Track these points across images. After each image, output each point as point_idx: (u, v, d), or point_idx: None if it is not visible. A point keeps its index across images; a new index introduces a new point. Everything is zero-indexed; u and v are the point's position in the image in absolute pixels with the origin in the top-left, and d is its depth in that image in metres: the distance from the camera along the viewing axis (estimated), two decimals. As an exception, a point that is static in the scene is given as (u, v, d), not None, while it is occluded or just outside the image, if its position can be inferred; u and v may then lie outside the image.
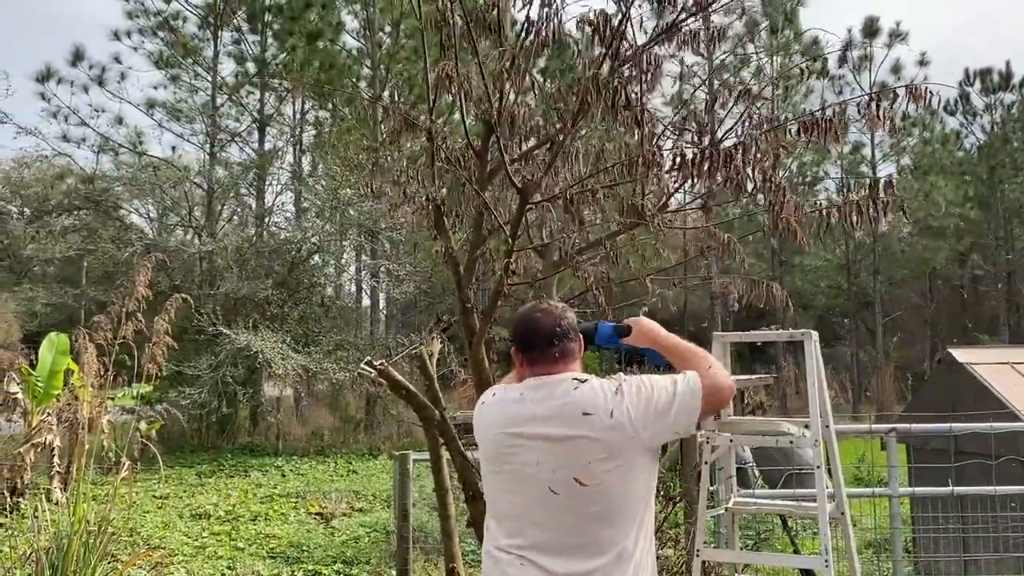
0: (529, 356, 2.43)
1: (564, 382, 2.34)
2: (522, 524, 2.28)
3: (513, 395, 2.40)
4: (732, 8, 17.61)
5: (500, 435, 2.36)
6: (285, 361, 14.85)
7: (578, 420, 2.26)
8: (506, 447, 2.33)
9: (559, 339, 2.42)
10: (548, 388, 2.34)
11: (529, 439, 2.28)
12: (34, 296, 18.91)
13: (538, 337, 2.42)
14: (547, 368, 2.39)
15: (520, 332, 2.47)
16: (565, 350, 2.42)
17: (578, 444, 2.24)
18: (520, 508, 2.29)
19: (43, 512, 6.27)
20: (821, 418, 3.57)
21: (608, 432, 2.24)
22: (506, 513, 2.33)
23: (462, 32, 3.23)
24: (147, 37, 19.76)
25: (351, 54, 21.72)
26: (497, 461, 2.36)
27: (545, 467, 2.24)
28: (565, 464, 2.23)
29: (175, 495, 11.07)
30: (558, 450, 2.25)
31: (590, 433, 2.24)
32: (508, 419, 2.36)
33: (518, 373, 2.52)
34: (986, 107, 28.68)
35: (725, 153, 2.86)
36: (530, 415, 2.31)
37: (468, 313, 3.44)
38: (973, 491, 5.59)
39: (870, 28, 25.29)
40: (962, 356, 7.16)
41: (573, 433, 2.25)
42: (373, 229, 17.47)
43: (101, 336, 6.54)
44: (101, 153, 20.53)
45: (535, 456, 2.26)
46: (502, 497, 2.35)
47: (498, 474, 2.36)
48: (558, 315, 2.46)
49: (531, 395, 2.35)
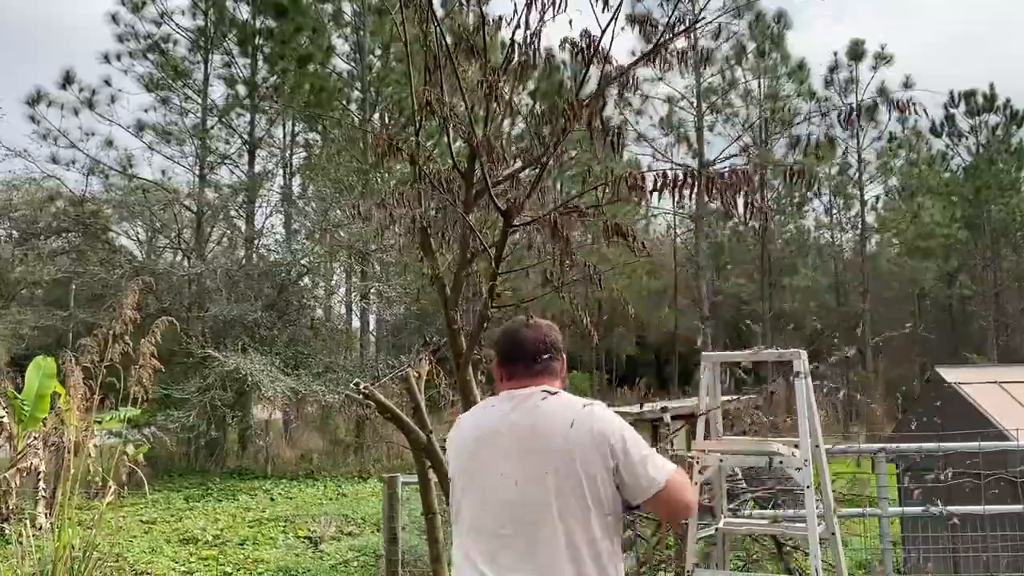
0: (510, 370, 2.43)
1: (534, 394, 2.35)
2: (489, 535, 2.27)
3: (486, 407, 2.44)
4: (719, 32, 17.79)
5: (470, 444, 2.38)
6: (274, 384, 14.78)
7: (542, 430, 2.27)
8: (475, 456, 2.34)
9: (541, 356, 2.42)
10: (518, 399, 2.36)
11: (496, 448, 2.30)
12: (22, 319, 18.78)
13: (521, 352, 2.43)
14: (525, 383, 2.39)
15: (503, 346, 2.48)
16: (547, 368, 2.43)
17: (540, 454, 2.24)
18: (487, 518, 2.28)
19: (28, 537, 6.20)
20: (811, 438, 3.58)
21: (565, 443, 2.23)
22: (475, 526, 2.32)
23: (447, 55, 3.26)
24: (137, 60, 19.82)
25: (341, 77, 21.83)
26: (467, 472, 2.36)
27: (509, 478, 2.25)
28: (529, 474, 2.24)
29: (162, 519, 10.96)
30: (523, 460, 2.25)
31: (550, 444, 2.24)
32: (478, 428, 2.39)
33: (498, 388, 2.51)
34: (971, 128, 29.01)
35: (707, 176, 2.88)
36: (496, 425, 2.33)
37: (455, 335, 3.44)
38: (962, 510, 5.59)
39: (855, 51, 25.57)
40: (950, 376, 7.19)
41: (535, 445, 2.26)
42: (363, 251, 17.47)
43: (88, 359, 6.51)
44: (91, 175, 20.52)
45: (502, 466, 2.27)
46: (472, 509, 2.34)
47: (468, 488, 2.35)
48: (544, 332, 2.47)
49: (501, 406, 2.37)
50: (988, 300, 28.39)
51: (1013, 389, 6.89)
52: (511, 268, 3.93)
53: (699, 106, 24.83)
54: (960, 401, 6.74)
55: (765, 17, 24.11)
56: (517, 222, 3.17)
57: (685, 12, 3.61)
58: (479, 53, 3.25)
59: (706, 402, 3.92)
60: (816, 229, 29.43)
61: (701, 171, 2.98)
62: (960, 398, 6.78)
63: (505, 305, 3.45)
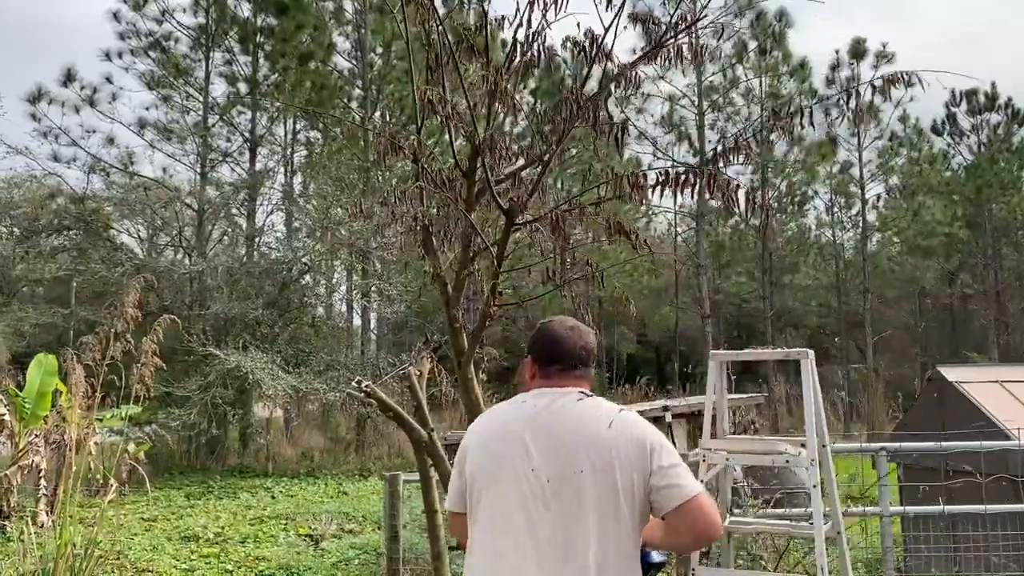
0: (546, 371, 2.39)
1: (570, 393, 2.32)
2: (515, 531, 2.20)
3: (515, 403, 2.36)
4: (719, 30, 17.76)
5: (497, 440, 2.30)
6: (275, 382, 14.78)
7: (578, 428, 2.23)
8: (502, 452, 2.26)
9: (582, 361, 2.40)
10: (551, 396, 2.32)
11: (527, 444, 2.23)
12: (23, 316, 18.79)
13: (561, 355, 2.38)
14: (560, 382, 2.36)
15: (544, 345, 2.42)
16: (585, 375, 2.41)
17: (575, 452, 2.20)
18: (514, 514, 2.21)
19: (29, 535, 6.21)
20: (818, 437, 3.58)
21: (601, 442, 2.21)
22: (500, 522, 2.24)
23: (448, 54, 3.26)
24: (139, 57, 19.78)
25: (343, 75, 21.81)
26: (493, 468, 2.27)
27: (540, 474, 2.20)
28: (561, 472, 2.20)
29: (163, 517, 10.97)
30: (556, 457, 2.21)
31: (585, 443, 2.21)
32: (506, 424, 2.31)
33: (528, 384, 2.45)
34: (972, 127, 28.98)
35: (709, 172, 2.88)
36: (529, 421, 2.27)
37: (457, 333, 3.44)
38: (963, 510, 5.59)
39: (857, 50, 25.54)
40: (951, 375, 7.18)
41: (570, 443, 2.22)
42: (364, 249, 17.47)
43: (89, 357, 6.52)
44: (92, 173, 20.51)
45: (533, 462, 2.21)
46: (498, 505, 2.25)
47: (493, 484, 2.27)
48: (586, 337, 2.43)
49: (534, 402, 2.32)
50: (989, 299, 28.38)
51: (1014, 388, 6.88)
52: (513, 266, 3.93)
53: (700, 104, 24.81)
54: (961, 400, 6.74)
55: (766, 16, 24.09)
56: (519, 220, 3.17)
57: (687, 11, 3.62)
58: (480, 52, 3.25)
59: (713, 401, 3.91)
60: (817, 228, 29.40)
61: (702, 168, 2.98)
62: (961, 397, 6.78)
63: (506, 303, 3.45)
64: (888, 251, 29.42)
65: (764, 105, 25.04)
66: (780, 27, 24.49)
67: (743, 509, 4.95)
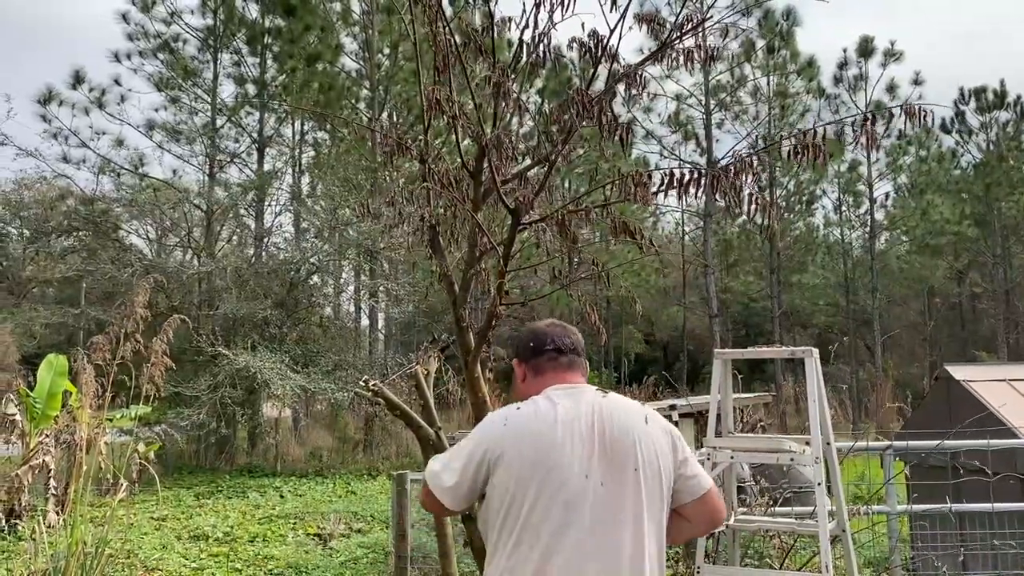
0: (548, 365, 2.36)
1: (588, 389, 2.31)
2: (559, 534, 2.14)
3: (541, 405, 2.26)
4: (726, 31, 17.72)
5: (528, 440, 2.20)
6: (284, 381, 14.83)
7: (619, 426, 2.22)
8: (540, 453, 2.18)
9: (576, 351, 2.42)
10: (575, 394, 2.28)
11: (566, 444, 2.18)
12: (33, 317, 18.93)
13: (557, 347, 2.39)
14: (570, 378, 2.35)
15: (535, 342, 2.40)
16: (583, 364, 2.44)
17: (620, 451, 2.19)
18: (557, 515, 2.15)
19: (40, 534, 6.26)
20: (822, 435, 3.59)
21: (644, 439, 2.22)
22: (544, 524, 2.15)
23: (455, 55, 3.28)
24: (147, 59, 19.90)
25: (350, 76, 21.89)
26: (529, 469, 2.17)
27: (587, 475, 2.17)
28: (608, 470, 2.18)
29: (173, 517, 11.03)
30: (602, 457, 2.18)
31: (629, 440, 2.21)
32: (541, 430, 2.21)
33: (521, 388, 2.40)
34: (981, 125, 28.86)
35: (712, 174, 2.89)
36: (566, 421, 2.21)
37: (464, 332, 3.46)
38: (971, 508, 5.59)
39: (865, 48, 25.48)
40: (959, 374, 7.17)
41: (614, 440, 2.20)
42: (372, 249, 17.52)
43: (100, 357, 6.56)
44: (101, 174, 20.64)
45: (577, 462, 2.17)
46: (542, 507, 2.17)
47: (530, 486, 2.17)
48: (567, 328, 2.47)
49: (563, 403, 2.25)
50: (998, 298, 28.27)
51: (1023, 387, 6.87)
52: (520, 266, 3.95)
53: (707, 103, 24.78)
54: (969, 399, 6.72)
55: (774, 14, 24.04)
56: (525, 220, 3.18)
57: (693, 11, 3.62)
58: (487, 53, 3.27)
59: (718, 399, 3.93)
60: (825, 227, 29.33)
61: (708, 169, 2.99)
62: (969, 396, 6.76)
63: (513, 303, 3.47)
64: (896, 250, 29.33)
65: (772, 104, 24.99)
66: (787, 25, 24.45)
67: (749, 507, 4.96)
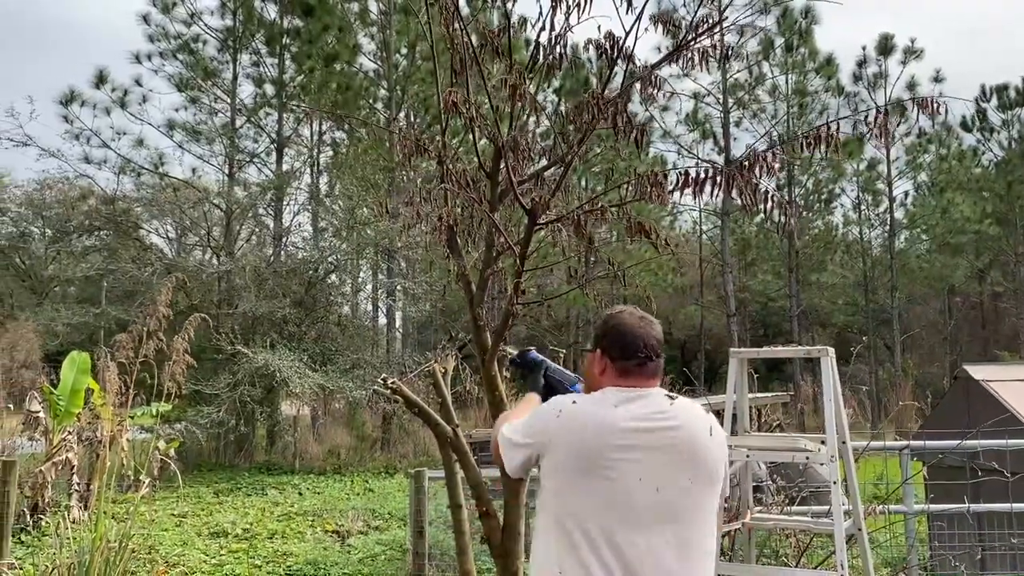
0: (624, 366, 2.27)
1: (658, 395, 2.25)
2: (614, 539, 2.09)
3: (601, 404, 2.22)
4: (742, 31, 17.67)
5: (591, 441, 2.15)
6: (302, 380, 14.94)
7: (685, 434, 2.18)
8: (599, 455, 2.13)
9: (656, 354, 2.30)
10: (642, 399, 2.22)
11: (628, 449, 2.13)
12: (55, 315, 19.13)
13: (639, 349, 2.27)
14: (643, 381, 2.27)
15: (620, 339, 2.30)
16: (659, 367, 2.32)
17: (683, 459, 2.16)
18: (615, 517, 2.10)
19: (64, 530, 6.35)
20: (837, 434, 3.60)
21: (707, 449, 2.19)
22: (599, 529, 2.11)
23: (472, 55, 3.31)
24: (167, 60, 20.06)
25: (368, 76, 21.98)
26: (587, 472, 2.14)
27: (648, 482, 2.12)
28: (671, 478, 2.13)
29: (193, 513, 11.14)
30: (666, 464, 2.14)
31: (693, 449, 2.18)
32: (602, 425, 2.16)
33: (597, 381, 2.33)
34: (1003, 123, 28.58)
35: (728, 172, 2.90)
36: (632, 426, 2.16)
37: (480, 331, 3.49)
38: (989, 508, 5.57)
39: (885, 46, 25.30)
40: (977, 373, 7.13)
41: (677, 447, 2.16)
42: (389, 248, 17.59)
43: (122, 355, 6.65)
44: (122, 174, 20.82)
45: (639, 468, 2.12)
46: (599, 512, 2.13)
47: (587, 489, 2.14)
48: (654, 325, 2.35)
49: (626, 405, 2.19)
50: (1020, 297, 28.00)
51: (1043, 387, 6.82)
52: (536, 265, 3.97)
53: (725, 102, 24.68)
54: (988, 399, 6.69)
55: (792, 12, 23.90)
56: (542, 220, 3.21)
57: (710, 11, 3.61)
58: (504, 54, 3.29)
59: (733, 398, 3.94)
60: (844, 225, 29.13)
61: (725, 168, 3.01)
62: (988, 396, 6.73)
63: (530, 302, 3.50)
64: (916, 248, 29.11)
65: (790, 102, 24.86)
66: (806, 23, 24.29)
67: (765, 506, 4.96)
